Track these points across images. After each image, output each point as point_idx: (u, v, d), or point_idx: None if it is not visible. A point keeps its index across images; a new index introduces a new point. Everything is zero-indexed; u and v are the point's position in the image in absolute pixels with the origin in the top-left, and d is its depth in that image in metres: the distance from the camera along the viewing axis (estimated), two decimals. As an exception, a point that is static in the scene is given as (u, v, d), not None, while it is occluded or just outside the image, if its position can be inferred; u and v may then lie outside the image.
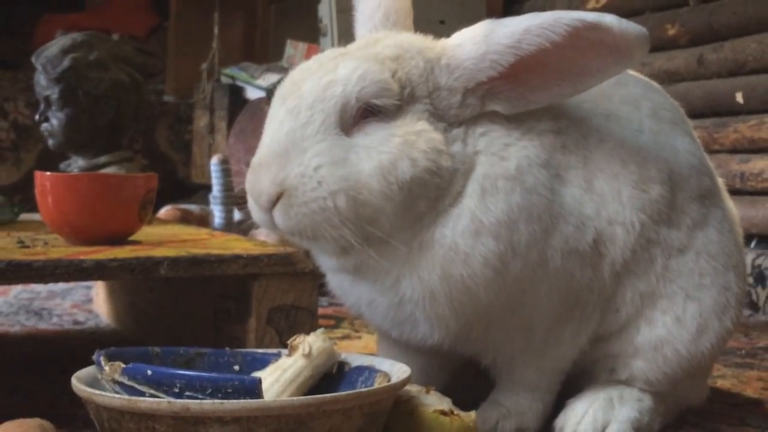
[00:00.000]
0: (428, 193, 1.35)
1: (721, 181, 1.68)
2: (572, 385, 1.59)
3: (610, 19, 1.32)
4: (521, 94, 1.39)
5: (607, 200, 1.47)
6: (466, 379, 1.63)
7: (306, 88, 1.36)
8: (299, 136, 1.33)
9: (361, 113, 1.34)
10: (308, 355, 1.32)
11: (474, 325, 1.44)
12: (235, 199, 3.27)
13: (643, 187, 1.49)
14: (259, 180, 1.35)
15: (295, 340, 1.34)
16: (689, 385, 1.64)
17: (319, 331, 1.38)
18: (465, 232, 1.36)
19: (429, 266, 1.37)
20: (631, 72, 1.64)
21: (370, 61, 1.37)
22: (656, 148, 1.52)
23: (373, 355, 1.53)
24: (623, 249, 1.48)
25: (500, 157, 1.40)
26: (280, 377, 1.30)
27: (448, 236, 1.36)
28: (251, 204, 1.39)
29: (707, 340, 1.54)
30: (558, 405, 1.57)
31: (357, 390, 1.30)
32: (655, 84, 1.65)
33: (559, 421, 1.54)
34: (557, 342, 1.50)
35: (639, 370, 1.55)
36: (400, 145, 1.33)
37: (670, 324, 1.52)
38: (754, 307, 3.17)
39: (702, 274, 1.53)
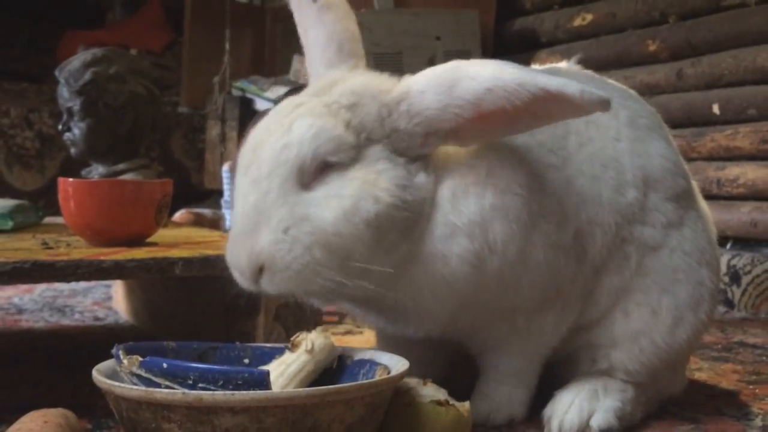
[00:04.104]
0: (397, 226, 1.31)
1: (695, 184, 1.68)
2: (559, 376, 1.59)
3: (572, 90, 1.26)
4: (481, 134, 1.34)
5: (587, 201, 1.46)
6: (465, 372, 1.63)
7: (263, 155, 1.31)
8: (264, 206, 1.29)
9: (320, 167, 1.30)
10: (311, 351, 1.32)
11: (460, 316, 1.43)
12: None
13: (620, 191, 1.49)
14: (238, 255, 1.31)
15: (298, 337, 1.34)
16: (668, 376, 1.64)
17: (320, 328, 1.38)
18: (441, 237, 1.34)
19: (415, 270, 1.35)
20: (608, 80, 1.64)
21: (323, 116, 1.31)
22: (632, 154, 1.52)
23: (373, 349, 1.53)
24: (600, 248, 1.48)
25: (469, 166, 1.38)
26: (284, 371, 1.29)
27: (428, 243, 1.34)
28: (236, 276, 1.35)
29: (683, 332, 1.54)
30: (546, 396, 1.57)
31: (359, 382, 1.30)
32: (631, 91, 1.65)
33: (547, 411, 1.53)
34: (540, 330, 1.50)
35: (618, 360, 1.55)
36: (360, 187, 1.29)
37: (646, 316, 1.52)
38: (729, 304, 3.17)
39: (676, 270, 1.54)
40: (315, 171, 1.29)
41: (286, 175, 1.29)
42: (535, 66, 1.67)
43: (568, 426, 1.50)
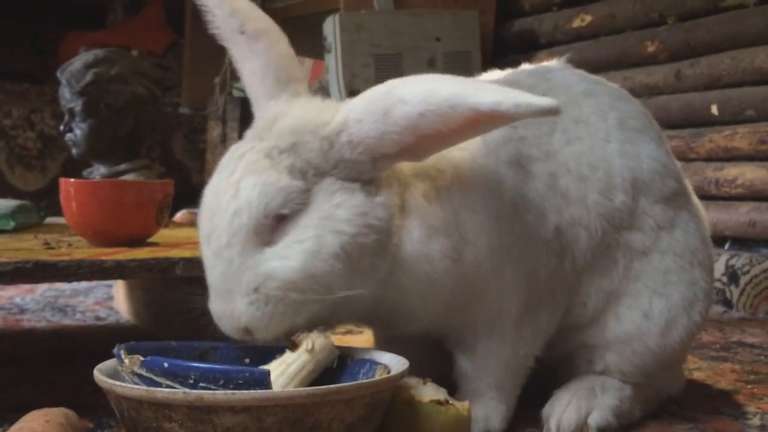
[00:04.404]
0: (369, 250, 1.30)
1: (687, 183, 1.67)
2: (559, 377, 1.59)
3: (507, 107, 1.20)
4: (430, 149, 1.31)
5: (571, 201, 1.46)
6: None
7: (220, 224, 1.28)
8: (230, 275, 1.28)
9: (276, 219, 1.27)
10: (311, 351, 1.32)
11: (445, 313, 1.42)
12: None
13: (608, 195, 1.49)
14: (221, 321, 1.31)
15: (298, 336, 1.34)
16: (665, 376, 1.63)
17: (321, 328, 1.37)
18: (421, 239, 1.34)
19: (399, 274, 1.35)
20: (599, 80, 1.63)
21: (266, 170, 1.27)
22: (622, 156, 1.52)
23: (373, 348, 1.52)
24: (585, 251, 1.48)
25: (437, 169, 1.38)
26: (285, 371, 1.29)
27: (408, 248, 1.34)
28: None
29: (676, 334, 1.54)
30: (546, 396, 1.57)
31: (359, 381, 1.30)
32: (623, 92, 1.64)
33: (546, 410, 1.53)
34: (533, 333, 1.48)
35: (612, 362, 1.55)
36: (318, 224, 1.27)
37: (638, 320, 1.52)
38: (728, 304, 3.17)
39: (668, 273, 1.53)
40: (272, 226, 1.27)
41: (244, 241, 1.27)
42: (525, 66, 1.65)
43: (566, 424, 1.49)
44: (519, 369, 1.52)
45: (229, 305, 1.29)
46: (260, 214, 1.26)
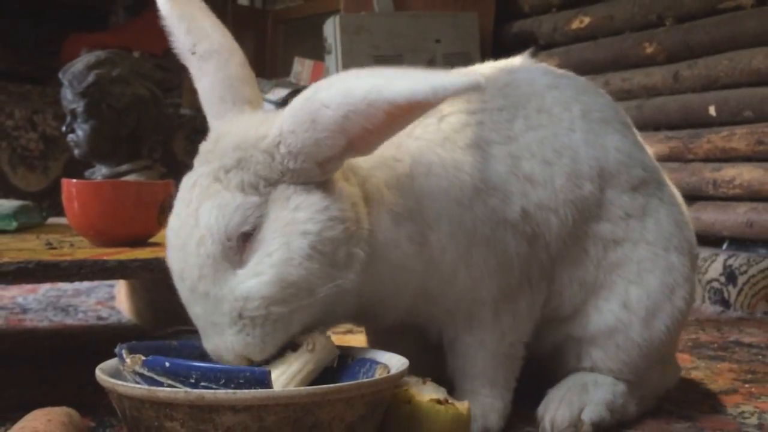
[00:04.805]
0: (341, 240, 1.27)
1: (658, 167, 1.64)
2: (551, 374, 1.59)
3: (425, 93, 1.16)
4: (373, 144, 1.28)
5: (536, 184, 1.45)
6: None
7: (187, 258, 1.26)
8: (210, 308, 1.25)
9: (240, 239, 1.24)
10: (312, 350, 1.32)
11: (422, 301, 1.43)
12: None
13: (576, 182, 1.48)
14: (221, 357, 1.28)
15: (299, 337, 1.34)
16: (658, 370, 1.62)
17: (321, 328, 1.37)
18: (389, 225, 1.35)
19: (376, 260, 1.34)
20: (564, 73, 1.62)
21: (219, 193, 1.25)
22: (587, 145, 1.51)
23: (373, 348, 1.52)
24: (557, 238, 1.47)
25: (395, 159, 1.39)
26: (286, 370, 1.29)
27: (380, 236, 1.34)
28: None
29: (661, 323, 1.53)
30: (542, 395, 1.57)
31: (359, 381, 1.30)
32: (589, 85, 1.63)
33: (540, 409, 1.53)
34: (514, 320, 1.48)
35: (599, 358, 1.55)
36: (283, 232, 1.24)
37: (617, 311, 1.52)
38: (725, 304, 3.17)
39: (642, 261, 1.52)
40: (238, 247, 1.24)
41: (215, 269, 1.24)
42: (490, 63, 1.64)
43: (559, 421, 1.49)
44: (508, 360, 1.51)
45: (220, 339, 1.26)
46: (223, 237, 1.23)
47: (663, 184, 1.62)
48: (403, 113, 1.22)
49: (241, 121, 1.33)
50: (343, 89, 1.21)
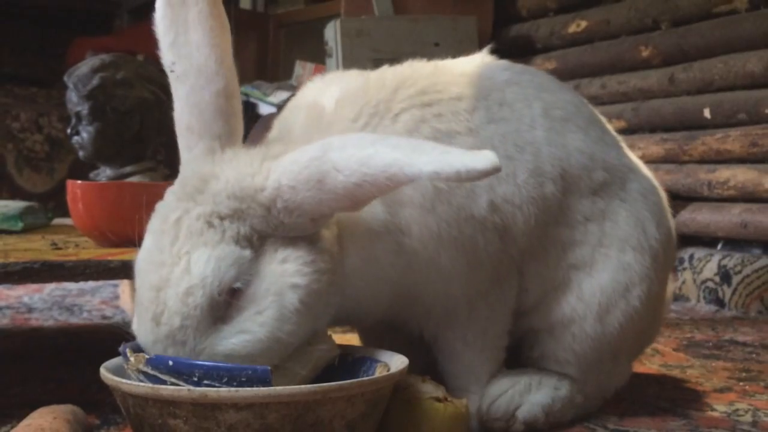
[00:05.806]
0: (322, 294, 1.25)
1: (621, 164, 1.58)
2: (506, 365, 1.58)
3: (448, 175, 1.12)
4: (365, 204, 1.26)
5: (500, 178, 1.42)
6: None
7: (169, 302, 1.20)
8: (183, 355, 1.20)
9: (229, 294, 1.19)
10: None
11: (398, 304, 1.42)
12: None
13: (538, 179, 1.46)
14: None
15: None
16: (608, 367, 1.59)
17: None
18: (367, 243, 1.34)
19: (354, 278, 1.33)
20: (524, 68, 1.60)
21: (219, 244, 1.20)
22: (549, 144, 1.49)
23: (373, 347, 1.52)
24: (522, 236, 1.46)
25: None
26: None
27: (358, 253, 1.33)
28: None
29: (614, 319, 1.52)
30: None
31: (359, 379, 1.30)
32: (552, 82, 1.60)
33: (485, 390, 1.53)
34: (492, 312, 1.48)
35: (549, 348, 1.54)
36: (273, 289, 1.20)
37: (573, 303, 1.51)
38: (720, 303, 3.17)
39: (595, 262, 1.51)
40: (225, 302, 1.19)
41: (199, 321, 1.18)
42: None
43: (494, 410, 1.50)
44: (493, 353, 1.52)
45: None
46: (215, 291, 1.18)
47: (627, 181, 1.57)
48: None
49: (229, 166, 1.25)
50: (360, 158, 1.16)
